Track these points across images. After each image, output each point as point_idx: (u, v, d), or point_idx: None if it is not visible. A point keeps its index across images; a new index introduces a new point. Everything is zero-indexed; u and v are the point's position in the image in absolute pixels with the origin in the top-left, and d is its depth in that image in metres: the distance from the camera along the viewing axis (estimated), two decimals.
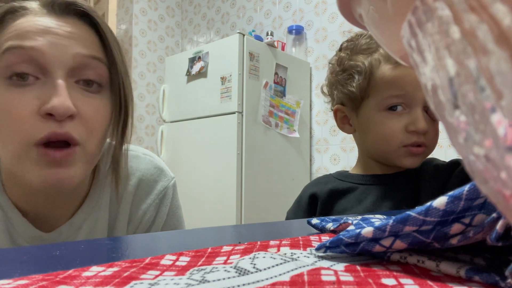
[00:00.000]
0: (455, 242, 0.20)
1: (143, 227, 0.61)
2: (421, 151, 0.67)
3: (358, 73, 0.70)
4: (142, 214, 0.60)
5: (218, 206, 2.03)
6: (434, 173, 0.71)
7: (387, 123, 0.67)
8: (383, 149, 0.70)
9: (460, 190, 0.19)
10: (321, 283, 0.18)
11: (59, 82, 0.44)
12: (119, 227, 0.59)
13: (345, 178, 0.76)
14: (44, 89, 0.44)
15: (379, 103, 0.68)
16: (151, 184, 0.61)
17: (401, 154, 0.68)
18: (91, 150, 0.48)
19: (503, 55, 0.10)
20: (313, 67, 2.51)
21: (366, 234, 0.22)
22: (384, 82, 0.68)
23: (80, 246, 0.29)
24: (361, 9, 0.21)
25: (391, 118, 0.67)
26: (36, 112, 0.44)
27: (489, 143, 0.11)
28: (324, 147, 2.40)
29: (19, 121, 0.43)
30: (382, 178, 0.73)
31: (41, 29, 0.45)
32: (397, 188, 0.70)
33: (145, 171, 0.61)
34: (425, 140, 0.66)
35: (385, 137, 0.68)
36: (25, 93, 0.44)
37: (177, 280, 0.18)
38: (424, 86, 0.15)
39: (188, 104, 2.30)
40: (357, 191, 0.73)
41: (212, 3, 3.22)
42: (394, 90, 0.66)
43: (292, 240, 0.29)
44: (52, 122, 0.44)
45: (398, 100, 0.66)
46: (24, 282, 0.18)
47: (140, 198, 0.60)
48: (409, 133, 0.66)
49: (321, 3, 2.49)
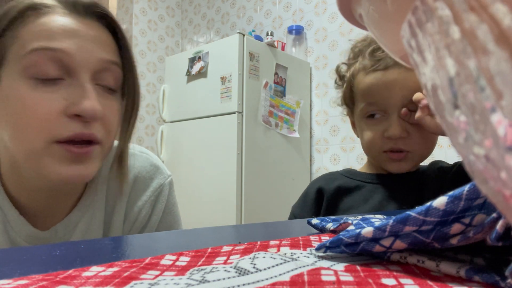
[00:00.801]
0: (455, 242, 0.20)
1: (139, 225, 0.61)
2: (402, 157, 0.68)
3: (345, 82, 0.74)
4: (138, 212, 0.61)
5: (218, 206, 2.03)
6: (437, 174, 0.71)
7: (367, 130, 0.70)
8: (369, 154, 0.74)
9: (460, 190, 0.19)
10: (321, 283, 0.18)
11: (88, 85, 0.46)
12: (115, 225, 0.59)
13: (353, 176, 0.76)
14: (71, 91, 0.46)
15: (360, 111, 0.71)
16: (147, 181, 0.62)
17: (383, 159, 0.70)
18: (107, 149, 0.51)
19: (503, 55, 0.10)
20: (313, 67, 2.51)
21: (366, 234, 0.22)
22: (360, 90, 0.70)
23: (80, 246, 0.29)
24: (361, 9, 0.21)
25: (371, 125, 0.70)
26: (63, 112, 0.45)
27: (489, 143, 0.11)
28: (324, 147, 2.40)
29: (45, 119, 0.44)
30: (389, 178, 0.73)
31: (68, 31, 0.46)
32: (404, 189, 0.70)
33: (141, 169, 0.62)
34: (403, 146, 0.67)
35: (368, 144, 0.71)
36: (52, 92, 0.45)
37: (177, 280, 0.18)
38: (424, 86, 0.15)
39: (188, 104, 2.30)
40: (364, 189, 0.73)
41: (212, 3, 3.22)
42: (367, 98, 0.69)
43: (292, 240, 0.29)
44: (78, 123, 0.45)
45: (373, 107, 0.68)
46: (24, 282, 0.18)
47: (136, 195, 0.61)
48: (386, 139, 0.67)
49: (321, 3, 2.49)
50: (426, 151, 0.70)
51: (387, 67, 0.66)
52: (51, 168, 0.45)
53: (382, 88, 0.66)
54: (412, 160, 0.69)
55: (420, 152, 0.69)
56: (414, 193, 0.70)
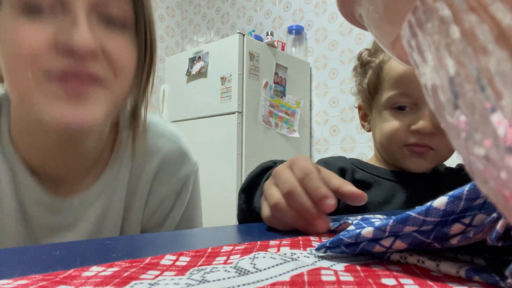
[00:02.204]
0: (455, 242, 0.20)
1: (160, 215, 0.57)
2: (425, 151, 0.64)
3: (372, 69, 0.69)
4: (160, 201, 0.56)
5: (218, 206, 2.03)
6: (448, 175, 0.69)
7: (391, 121, 0.65)
8: (387, 148, 0.68)
9: (461, 190, 0.19)
10: (321, 283, 0.18)
11: (81, 14, 0.39)
12: (135, 209, 0.55)
13: (364, 168, 0.71)
14: (62, 23, 0.39)
15: (386, 100, 0.65)
16: (174, 168, 0.57)
17: (403, 154, 0.65)
18: (117, 92, 0.44)
19: (503, 55, 0.10)
20: (313, 67, 2.51)
21: (366, 234, 0.22)
22: (391, 77, 0.65)
23: (80, 246, 0.29)
24: (361, 9, 0.21)
25: (397, 116, 0.65)
26: (53, 45, 0.39)
27: (489, 143, 0.11)
28: (324, 147, 2.40)
29: (32, 53, 0.38)
30: (406, 176, 0.69)
31: None
32: (421, 189, 0.68)
33: (168, 153, 0.56)
34: (429, 143, 0.63)
35: (388, 135, 0.66)
36: (40, 24, 0.39)
37: (177, 280, 0.18)
38: (424, 86, 0.15)
39: (188, 104, 2.30)
40: (382, 186, 0.68)
41: (212, 3, 3.22)
42: (400, 87, 0.64)
43: (292, 240, 0.29)
44: (70, 59, 0.39)
45: (404, 98, 0.63)
46: (24, 282, 0.18)
47: (160, 181, 0.56)
48: (412, 132, 0.63)
49: (321, 3, 2.49)
50: (449, 152, 0.66)
51: None
52: (44, 108, 0.39)
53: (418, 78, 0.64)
54: (433, 160, 0.65)
55: (443, 152, 0.65)
56: (430, 196, 0.68)
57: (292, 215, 0.35)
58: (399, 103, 0.64)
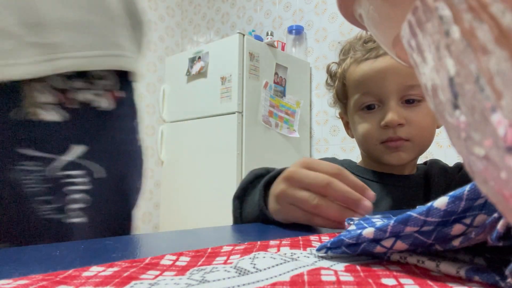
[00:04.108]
0: (457, 244, 0.20)
1: None
2: (400, 144, 0.65)
3: (337, 79, 0.73)
4: None
5: (218, 206, 2.03)
6: (442, 176, 0.70)
7: (362, 122, 0.68)
8: (366, 149, 0.71)
9: (461, 190, 0.19)
10: (321, 283, 0.18)
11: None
12: None
13: (354, 171, 0.72)
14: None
15: (354, 104, 0.69)
16: None
17: (381, 151, 0.67)
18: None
19: (503, 55, 0.10)
20: (313, 67, 2.51)
21: (367, 234, 0.22)
22: (353, 82, 0.69)
23: (80, 246, 0.29)
24: (361, 9, 0.21)
25: (367, 117, 0.67)
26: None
27: (489, 143, 0.11)
28: (324, 147, 2.40)
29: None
30: (393, 177, 0.70)
31: None
32: (410, 190, 0.69)
33: None
34: (402, 134, 0.64)
35: (363, 136, 0.68)
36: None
37: (177, 280, 0.18)
38: (424, 86, 0.15)
39: (188, 104, 2.30)
40: (371, 189, 0.69)
41: (212, 3, 3.23)
42: (361, 88, 0.67)
43: (292, 240, 0.29)
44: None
45: (368, 97, 0.66)
46: (24, 282, 0.18)
47: None
48: (383, 128, 0.65)
49: (321, 3, 2.49)
50: (426, 140, 0.68)
51: (378, 55, 0.65)
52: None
53: (375, 76, 0.65)
54: (412, 151, 0.67)
55: (419, 141, 0.66)
56: (421, 195, 0.68)
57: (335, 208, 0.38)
58: (365, 103, 0.67)
